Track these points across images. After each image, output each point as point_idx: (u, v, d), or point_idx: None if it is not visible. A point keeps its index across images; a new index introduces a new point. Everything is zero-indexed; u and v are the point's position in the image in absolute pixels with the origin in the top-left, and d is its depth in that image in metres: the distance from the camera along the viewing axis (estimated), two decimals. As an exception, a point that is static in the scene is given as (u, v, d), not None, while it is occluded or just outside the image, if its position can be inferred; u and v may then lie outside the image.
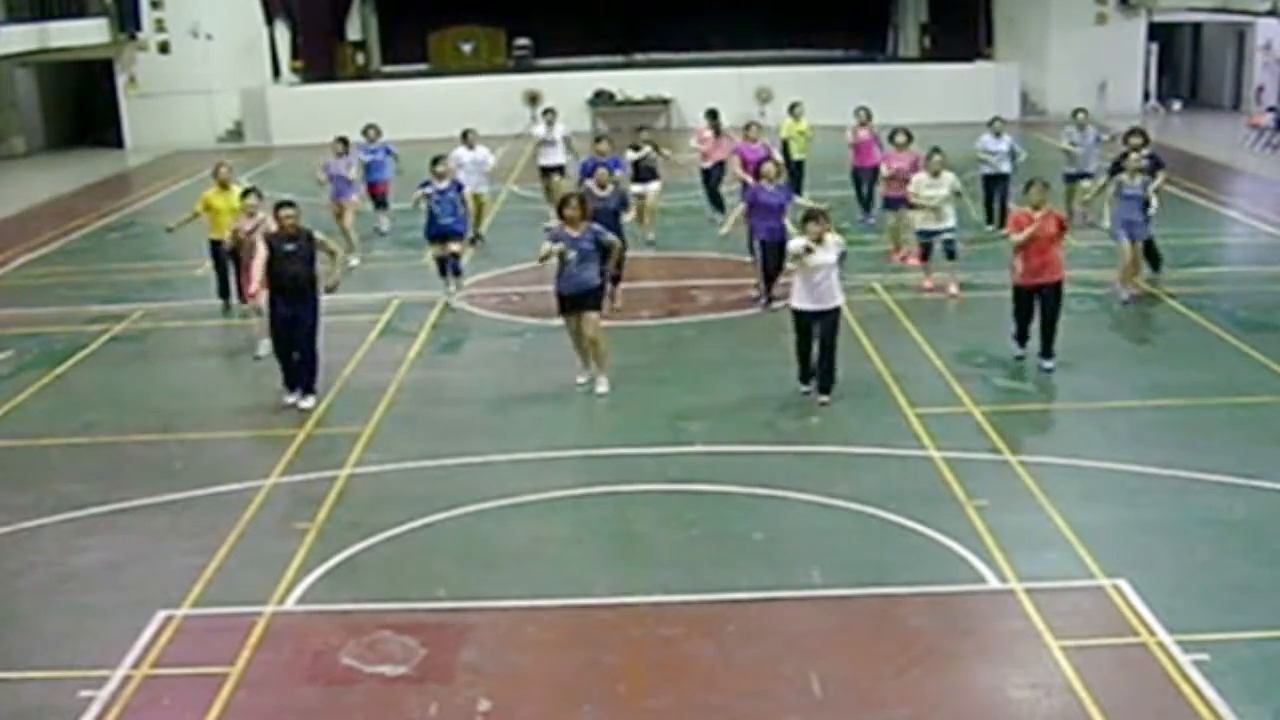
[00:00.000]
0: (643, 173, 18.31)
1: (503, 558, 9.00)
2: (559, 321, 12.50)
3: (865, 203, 19.29)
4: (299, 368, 11.91)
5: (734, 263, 16.95)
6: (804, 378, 11.80)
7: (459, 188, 15.44)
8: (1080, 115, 18.58)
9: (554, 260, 11.85)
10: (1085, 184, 17.94)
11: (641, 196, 17.94)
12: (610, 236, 12.16)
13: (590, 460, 10.68)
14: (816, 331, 11.49)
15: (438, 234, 15.13)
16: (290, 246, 11.58)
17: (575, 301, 11.94)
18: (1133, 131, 15.91)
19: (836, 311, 11.50)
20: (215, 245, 15.00)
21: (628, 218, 14.03)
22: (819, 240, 11.22)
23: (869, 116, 19.21)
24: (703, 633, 7.84)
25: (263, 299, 12.24)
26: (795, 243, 11.43)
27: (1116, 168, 15.18)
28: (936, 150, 15.35)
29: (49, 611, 8.37)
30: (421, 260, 16.54)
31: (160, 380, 13.32)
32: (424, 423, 11.72)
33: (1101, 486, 9.97)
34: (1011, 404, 11.72)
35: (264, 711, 7.22)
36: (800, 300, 11.45)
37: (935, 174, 15.10)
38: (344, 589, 8.55)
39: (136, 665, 7.61)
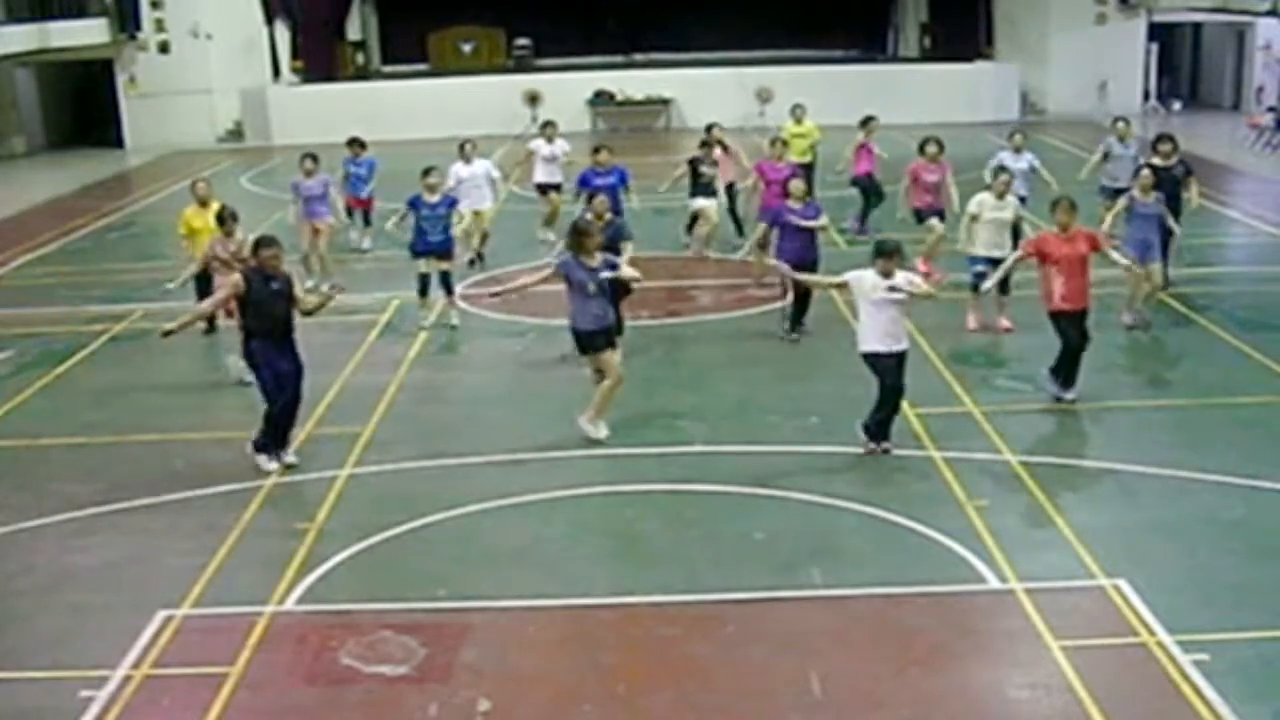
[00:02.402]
0: (700, 190, 17.30)
1: (503, 558, 9.00)
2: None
3: (867, 213, 18.47)
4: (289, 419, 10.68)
5: (734, 263, 16.95)
6: (884, 433, 10.60)
7: (451, 203, 14.70)
8: (1121, 125, 17.03)
9: (562, 288, 10.98)
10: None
11: (700, 213, 17.24)
12: (621, 264, 11.18)
13: (590, 460, 10.67)
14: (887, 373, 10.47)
15: (424, 251, 14.46)
16: (276, 285, 10.40)
17: (599, 337, 10.95)
18: (1161, 138, 15.12)
19: (905, 355, 10.54)
20: None
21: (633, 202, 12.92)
22: (889, 276, 10.31)
23: (874, 125, 18.45)
24: (703, 633, 7.84)
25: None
26: (874, 278, 10.35)
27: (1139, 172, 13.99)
28: (1003, 169, 14.06)
29: (49, 611, 8.37)
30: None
31: (160, 380, 13.29)
32: (424, 423, 11.72)
33: (1101, 486, 10.00)
34: (1011, 404, 11.72)
35: (264, 711, 7.23)
36: (871, 342, 10.44)
37: (1000, 195, 13.51)
38: (344, 589, 8.55)
39: (136, 665, 7.60)
